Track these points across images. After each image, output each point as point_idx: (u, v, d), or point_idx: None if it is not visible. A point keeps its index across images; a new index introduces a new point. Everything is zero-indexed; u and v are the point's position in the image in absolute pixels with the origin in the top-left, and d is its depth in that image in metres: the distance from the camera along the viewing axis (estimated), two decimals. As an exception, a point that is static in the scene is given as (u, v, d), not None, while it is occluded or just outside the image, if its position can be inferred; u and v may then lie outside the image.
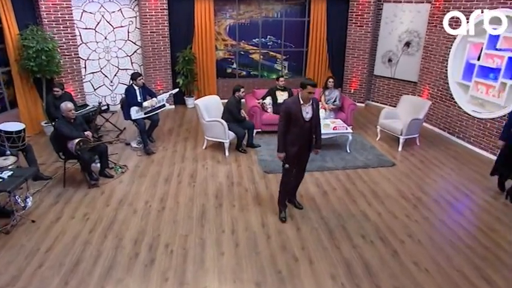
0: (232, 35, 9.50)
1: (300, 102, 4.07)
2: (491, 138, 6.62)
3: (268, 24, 9.53)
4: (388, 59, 9.15)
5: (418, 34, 8.47)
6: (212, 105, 6.68)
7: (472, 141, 7.03)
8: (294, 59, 9.96)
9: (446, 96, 7.59)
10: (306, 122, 4.13)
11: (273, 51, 9.80)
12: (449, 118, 7.56)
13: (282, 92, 7.52)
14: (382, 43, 9.16)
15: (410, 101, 7.24)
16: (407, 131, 6.72)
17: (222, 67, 9.65)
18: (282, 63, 9.95)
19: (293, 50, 9.85)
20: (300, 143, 4.21)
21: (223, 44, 9.55)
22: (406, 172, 5.95)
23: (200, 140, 7.12)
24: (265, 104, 7.45)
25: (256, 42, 9.63)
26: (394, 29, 8.86)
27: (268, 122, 7.28)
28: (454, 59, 7.31)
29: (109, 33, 8.55)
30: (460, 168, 6.19)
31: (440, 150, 6.93)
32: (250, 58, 9.77)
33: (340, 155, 6.45)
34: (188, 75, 8.86)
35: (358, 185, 5.50)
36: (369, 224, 4.59)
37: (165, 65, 8.80)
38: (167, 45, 8.66)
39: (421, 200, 5.15)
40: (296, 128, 4.11)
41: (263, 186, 5.45)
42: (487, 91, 6.79)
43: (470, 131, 7.05)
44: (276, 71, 9.97)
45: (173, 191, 5.29)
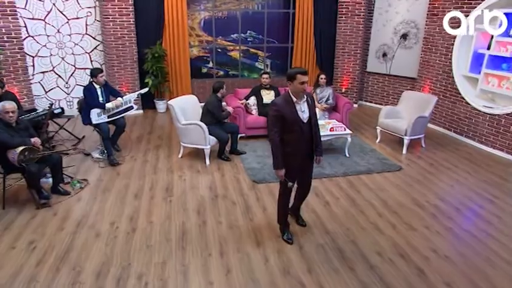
0: (207, 30, 9.11)
1: (292, 99, 3.55)
2: (508, 136, 6.40)
3: (248, 18, 9.22)
4: (383, 53, 8.98)
5: (416, 25, 8.32)
6: (189, 106, 6.18)
7: (484, 141, 6.81)
8: (278, 56, 9.68)
9: (452, 92, 7.38)
10: (305, 123, 3.61)
11: (254, 48, 9.48)
12: (455, 116, 7.35)
13: (268, 90, 7.17)
14: (376, 36, 8.98)
15: (413, 97, 6.99)
16: (413, 131, 6.44)
17: (196, 66, 9.24)
18: (264, 61, 9.63)
19: (277, 46, 9.57)
20: (302, 151, 3.69)
21: (198, 41, 9.14)
22: (416, 177, 5.66)
23: (175, 147, 6.59)
24: (249, 105, 7.04)
25: (235, 38, 9.29)
26: (388, 20, 8.70)
27: (253, 125, 6.88)
28: (460, 49, 7.13)
29: (62, 25, 7.92)
30: (476, 170, 5.96)
31: (450, 151, 6.70)
32: (229, 56, 9.44)
33: (338, 159, 6.11)
34: (158, 75, 8.30)
35: (364, 193, 5.15)
36: (383, 238, 4.17)
37: (131, 63, 8.21)
38: (133, 40, 8.09)
39: (439, 208, 4.82)
40: (294, 133, 3.56)
41: (253, 198, 4.95)
42: (499, 83, 6.59)
43: (481, 129, 6.83)
44: (257, 70, 9.67)
45: (145, 208, 4.69)
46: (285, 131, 3.54)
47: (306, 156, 3.76)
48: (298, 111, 3.55)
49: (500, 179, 5.68)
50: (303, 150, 3.67)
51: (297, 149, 3.63)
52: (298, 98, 3.56)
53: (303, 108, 3.59)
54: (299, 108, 3.56)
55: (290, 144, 3.58)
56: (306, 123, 3.62)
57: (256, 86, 7.27)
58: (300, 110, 3.57)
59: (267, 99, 7.04)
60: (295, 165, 3.68)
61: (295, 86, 3.49)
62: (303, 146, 3.66)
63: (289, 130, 3.54)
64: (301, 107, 3.58)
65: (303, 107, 3.60)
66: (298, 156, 3.66)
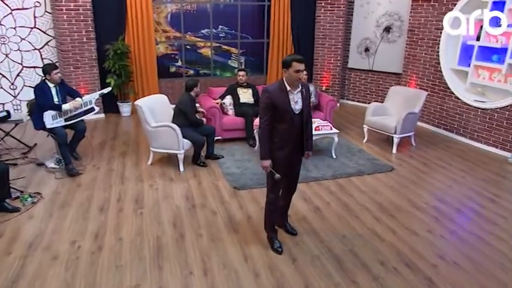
0: (175, 25, 8.81)
1: (286, 88, 3.48)
2: (502, 132, 6.41)
3: (220, 11, 9.00)
4: (365, 48, 8.96)
5: (400, 17, 8.32)
6: (158, 106, 5.86)
7: (477, 137, 6.82)
8: (253, 53, 9.49)
9: (440, 87, 7.37)
10: (296, 115, 3.54)
11: (227, 45, 9.28)
12: (444, 112, 7.35)
13: (245, 89, 6.97)
14: (357, 30, 8.95)
15: (401, 92, 6.94)
16: (403, 129, 6.38)
17: (164, 65, 8.92)
18: (238, 58, 9.43)
19: (251, 42, 9.39)
20: (290, 144, 3.62)
21: (165, 37, 8.81)
22: (410, 177, 5.59)
23: (144, 153, 6.23)
24: (225, 105, 6.79)
25: (205, 33, 9.04)
26: (370, 12, 8.69)
27: (229, 127, 6.65)
28: (447, 42, 7.13)
29: (5, 16, 7.36)
30: (472, 168, 5.94)
31: (441, 149, 6.70)
32: (199, 54, 9.18)
33: (324, 161, 5.98)
34: (122, 74, 7.88)
35: (357, 196, 5.01)
36: (384, 245, 3.99)
37: (89, 61, 7.75)
38: (91, 35, 7.65)
39: (439, 209, 4.73)
40: (284, 124, 3.52)
41: (236, 206, 4.67)
42: (490, 76, 6.61)
43: (473, 125, 6.84)
44: (230, 69, 9.45)
45: (113, 223, 4.29)
46: (276, 121, 3.52)
47: (295, 149, 3.69)
48: (290, 101, 3.49)
49: (498, 176, 5.67)
50: (292, 142, 3.61)
51: (285, 140, 3.58)
52: (292, 87, 3.49)
53: (296, 98, 3.53)
54: (292, 98, 3.50)
55: (279, 135, 3.56)
56: (298, 115, 3.56)
57: (232, 84, 7.07)
58: (292, 100, 3.51)
59: (244, 99, 6.84)
60: (282, 157, 3.62)
61: (290, 74, 3.42)
62: (293, 138, 3.60)
63: (279, 120, 3.51)
64: (294, 97, 3.52)
65: (296, 98, 3.53)
66: (286, 148, 3.60)
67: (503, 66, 6.24)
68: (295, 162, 3.80)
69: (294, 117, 3.52)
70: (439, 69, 7.33)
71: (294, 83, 3.47)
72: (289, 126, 3.53)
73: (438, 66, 7.33)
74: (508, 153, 6.29)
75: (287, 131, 3.54)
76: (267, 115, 3.47)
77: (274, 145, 3.58)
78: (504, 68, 6.23)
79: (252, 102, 6.84)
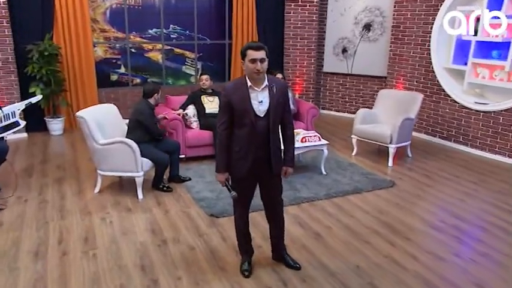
0: (116, 23, 8.41)
1: (246, 83, 3.29)
2: (509, 137, 6.47)
3: (171, 8, 8.77)
4: (342, 49, 9.00)
5: (382, 12, 8.42)
6: (107, 118, 5.44)
7: (480, 145, 6.86)
8: (212, 57, 9.36)
9: (433, 89, 7.42)
10: (260, 118, 3.31)
11: (181, 47, 9.03)
12: (440, 118, 7.39)
13: (210, 97, 6.71)
14: (333, 28, 8.98)
15: (392, 96, 6.93)
16: (399, 137, 6.31)
17: (103, 72, 8.46)
18: (194, 63, 9.18)
19: (210, 44, 9.22)
20: (253, 154, 3.38)
21: (103, 37, 8.37)
22: (415, 192, 5.54)
23: (88, 179, 5.70)
24: (188, 117, 6.50)
25: (154, 34, 8.73)
26: (347, 7, 8.77)
27: (195, 143, 6.34)
28: (439, 38, 7.22)
29: None
30: (483, 180, 5.98)
31: (442, 160, 6.75)
32: (146, 58, 8.84)
33: (313, 178, 5.83)
34: (51, 82, 7.25)
35: (360, 217, 4.84)
36: (409, 275, 3.74)
37: (5, 64, 7.11)
38: (7, 31, 7.04)
39: (460, 228, 4.60)
40: (243, 129, 3.35)
41: (217, 238, 4.28)
42: (491, 74, 6.68)
43: (475, 131, 6.90)
44: (185, 76, 9.21)
45: (55, 272, 3.69)
46: (235, 125, 3.38)
47: (262, 162, 3.42)
48: (251, 100, 3.28)
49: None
50: (254, 153, 3.38)
51: (246, 150, 3.38)
52: (254, 82, 3.27)
53: (260, 97, 3.30)
54: (255, 96, 3.30)
55: (238, 142, 3.39)
56: (263, 118, 3.31)
57: (194, 91, 6.79)
58: (255, 99, 3.29)
59: (210, 108, 6.55)
60: (242, 171, 3.43)
61: (246, 65, 3.24)
62: (255, 147, 3.37)
63: (238, 124, 3.37)
64: (257, 95, 3.29)
65: (261, 96, 3.30)
66: (247, 160, 3.39)
67: (507, 62, 6.31)
68: (266, 181, 3.55)
69: (257, 120, 3.29)
70: (430, 70, 7.38)
71: (255, 77, 3.24)
72: (250, 132, 3.32)
73: (430, 66, 7.39)
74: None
75: (247, 138, 3.34)
76: (223, 117, 3.35)
77: (234, 155, 3.41)
78: (508, 65, 6.29)
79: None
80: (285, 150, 3.54)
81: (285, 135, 3.53)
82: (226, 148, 3.40)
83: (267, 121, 3.33)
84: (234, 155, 3.40)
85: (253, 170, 3.41)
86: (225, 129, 3.36)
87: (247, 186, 3.51)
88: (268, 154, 3.41)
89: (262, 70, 3.19)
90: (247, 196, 3.55)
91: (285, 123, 3.47)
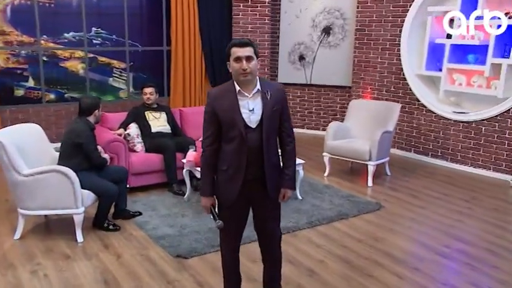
0: (22, 24, 7.89)
1: (235, 89, 3.19)
2: (493, 149, 6.72)
3: (93, 7, 8.43)
4: (299, 56, 9.08)
5: (342, 14, 8.58)
6: (29, 142, 5.00)
7: (461, 159, 7.10)
8: (146, 67, 9.14)
9: (405, 99, 7.61)
10: (252, 128, 3.18)
11: (107, 56, 8.70)
12: (415, 131, 7.59)
13: (156, 112, 6.49)
14: (287, 32, 9.06)
15: (365, 107, 7.05)
16: (379, 153, 6.39)
17: (4, 86, 7.94)
18: (126, 75, 8.87)
19: (143, 52, 9.00)
20: (244, 174, 3.24)
21: (2, 42, 7.82)
22: (407, 215, 5.62)
23: (2, 222, 5.19)
24: (130, 138, 6.22)
25: (72, 38, 8.31)
26: (303, 9, 8.87)
27: (141, 170, 6.06)
28: (410, 42, 7.44)
29: None
30: (474, 197, 6.19)
31: (424, 177, 6.96)
32: (62, 68, 8.41)
33: (289, 205, 5.71)
34: None
35: (353, 246, 4.78)
36: None
37: None
38: None
39: (467, 253, 4.66)
40: (232, 143, 3.24)
41: (192, 284, 4.00)
42: (468, 81, 6.93)
43: (454, 143, 7.13)
44: (113, 90, 8.86)
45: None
46: (222, 139, 3.28)
47: (256, 184, 3.28)
48: (241, 108, 3.16)
49: (508, 204, 5.98)
50: (246, 172, 3.25)
51: (235, 169, 3.25)
52: (243, 87, 3.16)
53: (251, 104, 3.17)
54: (244, 103, 3.17)
55: (226, 160, 3.27)
56: (255, 130, 3.18)
57: (136, 107, 6.53)
58: (244, 107, 3.18)
59: (157, 127, 6.34)
60: (231, 195, 3.29)
61: (232, 67, 3.16)
62: (246, 165, 3.23)
63: (225, 137, 3.26)
64: (248, 102, 3.17)
65: (252, 103, 3.18)
66: (237, 181, 3.25)
67: (486, 67, 6.57)
68: (260, 209, 3.39)
69: (249, 132, 3.17)
70: (402, 77, 7.58)
71: (242, 80, 3.13)
72: (239, 147, 3.19)
73: (401, 73, 7.59)
74: (505, 176, 6.59)
75: (237, 154, 3.21)
76: (208, 131, 3.23)
77: (221, 176, 3.29)
78: (487, 70, 6.55)
79: (168, 131, 6.39)
80: (283, 168, 3.38)
81: (284, 150, 3.38)
82: (211, 167, 3.28)
83: (260, 133, 3.20)
84: (221, 175, 3.27)
85: (244, 194, 3.26)
86: (209, 144, 3.23)
87: (238, 213, 3.34)
88: (263, 173, 3.26)
89: (249, 70, 3.05)
90: (237, 226, 3.38)
91: (282, 135, 3.33)
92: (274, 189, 3.31)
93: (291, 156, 3.40)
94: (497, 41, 6.50)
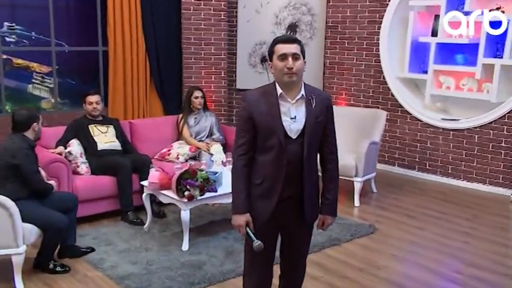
0: None
1: (276, 92, 3.25)
2: (488, 160, 6.91)
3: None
4: (261, 57, 9.12)
5: (310, 9, 8.66)
6: None
7: (452, 172, 7.29)
8: (76, 71, 8.99)
9: (386, 105, 7.76)
10: (291, 140, 3.22)
11: (23, 58, 8.48)
12: (398, 141, 7.74)
13: (102, 126, 6.39)
14: (247, 30, 9.06)
15: (346, 115, 7.09)
16: (366, 167, 6.49)
17: None
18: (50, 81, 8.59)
19: (71, 53, 8.85)
20: (280, 191, 3.25)
21: None
22: (405, 237, 5.74)
23: None
24: (73, 157, 6.09)
25: None
26: (264, 3, 8.90)
27: (87, 196, 5.91)
28: (390, 40, 7.58)
29: None
30: (475, 215, 6.37)
31: (415, 194, 7.13)
32: None
33: None
34: None
35: (355, 277, 4.81)
36: None
37: None
38: None
39: (482, 279, 4.75)
40: (268, 154, 3.27)
41: None
42: (457, 84, 7.12)
43: (444, 154, 7.30)
44: (33, 100, 8.65)
45: None
46: (257, 149, 3.30)
47: (291, 205, 3.29)
48: (281, 114, 3.20)
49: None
50: (282, 189, 3.26)
51: (271, 184, 3.28)
52: (287, 90, 3.20)
53: (293, 111, 3.21)
54: (286, 110, 3.22)
55: (260, 172, 3.30)
56: (295, 141, 3.22)
57: (76, 120, 6.38)
58: (286, 114, 3.22)
59: (104, 143, 6.23)
60: (263, 215, 3.31)
61: (275, 66, 3.19)
62: (283, 180, 3.25)
63: (261, 147, 3.28)
64: (290, 108, 3.22)
65: (295, 111, 3.23)
66: (272, 199, 3.27)
67: (477, 68, 6.78)
68: (292, 234, 3.41)
69: (289, 143, 3.20)
70: (382, 80, 7.73)
71: (286, 82, 3.17)
72: (277, 159, 3.23)
73: (380, 76, 7.73)
74: (503, 190, 6.81)
75: (274, 167, 3.24)
76: (242, 138, 3.24)
77: (254, 190, 3.29)
78: (479, 71, 6.75)
79: (118, 147, 6.29)
80: (323, 190, 3.41)
81: (325, 169, 3.39)
82: (245, 180, 3.29)
83: (301, 146, 3.24)
84: (253, 189, 3.29)
85: (277, 215, 3.28)
86: (244, 153, 3.25)
87: (267, 237, 3.30)
88: (301, 193, 3.29)
89: (295, 70, 3.08)
90: (267, 251, 3.34)
91: (324, 151, 3.36)
92: (311, 212, 3.35)
93: (334, 177, 3.43)
94: (488, 39, 6.71)
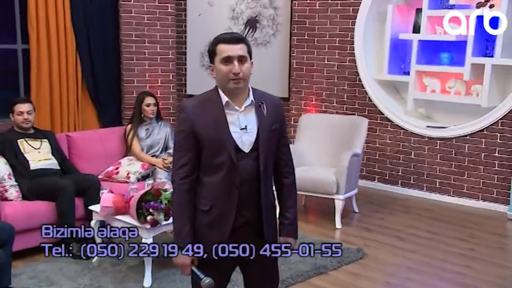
0: None
1: (220, 99, 3.21)
2: (480, 172, 7.02)
3: None
4: None
5: (273, 1, 8.70)
6: None
7: (439, 186, 7.39)
8: None
9: (363, 111, 7.83)
10: (243, 154, 3.19)
11: None
12: (378, 153, 7.84)
13: (34, 141, 6.30)
14: (198, 26, 9.07)
15: (322, 123, 7.20)
16: (348, 183, 6.51)
17: None
18: None
19: None
20: (233, 217, 3.21)
21: None
22: (399, 263, 5.80)
23: None
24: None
25: None
26: None
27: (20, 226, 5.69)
28: (366, 38, 7.66)
29: None
30: (472, 235, 6.44)
31: (400, 212, 7.20)
32: None
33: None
34: None
35: None
36: None
37: None
38: None
39: None
40: (217, 174, 3.21)
41: None
42: (443, 86, 7.22)
43: (431, 167, 7.39)
44: None
45: None
46: (203, 169, 3.22)
47: (248, 228, 3.23)
48: (229, 125, 3.14)
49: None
50: (236, 214, 3.18)
51: (222, 210, 3.19)
52: (233, 97, 3.16)
53: (243, 121, 3.16)
54: (234, 119, 3.16)
55: (208, 197, 3.21)
56: (249, 155, 3.17)
57: (2, 133, 6.31)
58: (234, 124, 3.16)
59: (37, 162, 6.14)
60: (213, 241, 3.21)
61: (218, 70, 3.13)
62: (236, 201, 3.17)
63: (208, 166, 3.20)
64: (239, 117, 3.17)
65: (245, 120, 3.17)
66: (224, 224, 3.19)
67: (465, 69, 6.88)
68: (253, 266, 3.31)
69: (240, 158, 3.15)
70: (358, 83, 7.78)
71: (232, 88, 3.12)
72: (227, 179, 3.15)
73: (356, 79, 7.78)
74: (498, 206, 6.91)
75: (224, 189, 3.17)
76: (184, 157, 3.15)
77: (201, 219, 3.20)
78: (467, 72, 6.85)
79: (56, 166, 6.23)
80: (281, 209, 3.32)
81: (281, 184, 3.33)
82: (188, 208, 3.16)
83: (256, 160, 3.16)
84: (200, 218, 3.17)
85: (232, 241, 3.20)
86: (185, 176, 3.13)
87: (221, 272, 3.23)
88: (259, 216, 3.20)
89: (242, 75, 3.01)
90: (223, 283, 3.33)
91: (280, 164, 3.29)
92: (271, 237, 3.28)
93: (292, 194, 3.37)
94: (477, 36, 6.83)
